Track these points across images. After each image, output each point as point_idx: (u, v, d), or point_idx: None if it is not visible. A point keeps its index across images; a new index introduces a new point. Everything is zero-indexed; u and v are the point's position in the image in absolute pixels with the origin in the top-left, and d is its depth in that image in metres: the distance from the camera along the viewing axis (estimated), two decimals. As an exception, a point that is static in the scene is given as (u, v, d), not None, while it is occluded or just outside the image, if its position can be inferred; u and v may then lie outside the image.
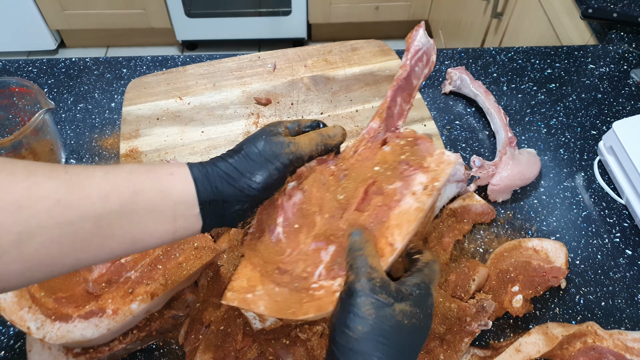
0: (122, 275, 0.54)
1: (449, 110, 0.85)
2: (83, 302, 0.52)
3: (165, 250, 0.55)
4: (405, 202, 0.43)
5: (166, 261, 0.54)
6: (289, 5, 2.07)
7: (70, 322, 0.50)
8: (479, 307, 0.55)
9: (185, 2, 2.01)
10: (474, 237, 0.69)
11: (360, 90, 0.87)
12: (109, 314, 0.50)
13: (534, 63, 0.93)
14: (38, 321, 0.49)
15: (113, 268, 0.55)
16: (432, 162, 0.44)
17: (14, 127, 0.72)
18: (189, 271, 0.54)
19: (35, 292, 0.51)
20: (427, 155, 0.44)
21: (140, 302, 0.51)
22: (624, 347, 0.56)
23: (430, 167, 0.43)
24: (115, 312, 0.51)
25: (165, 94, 0.84)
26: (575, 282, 0.65)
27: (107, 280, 0.54)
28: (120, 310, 0.51)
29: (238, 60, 0.90)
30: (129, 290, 0.52)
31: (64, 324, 0.50)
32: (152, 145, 0.77)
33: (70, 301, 0.52)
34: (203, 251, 0.55)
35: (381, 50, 0.93)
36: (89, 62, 0.90)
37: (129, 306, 0.51)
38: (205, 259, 0.55)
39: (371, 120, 0.50)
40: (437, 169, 0.43)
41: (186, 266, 0.54)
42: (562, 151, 0.80)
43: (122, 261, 0.55)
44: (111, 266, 0.55)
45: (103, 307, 0.51)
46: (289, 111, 0.83)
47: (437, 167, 0.43)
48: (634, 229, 0.71)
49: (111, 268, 0.55)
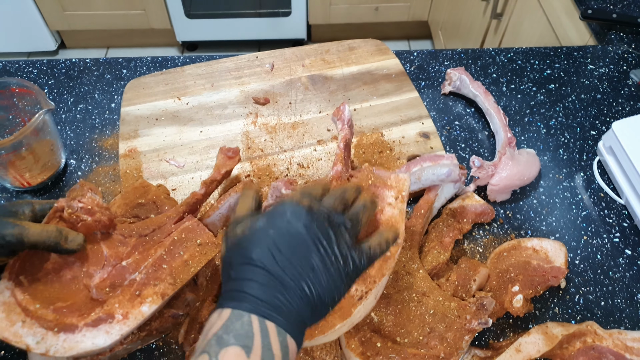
0: (125, 278, 0.53)
1: (449, 110, 0.85)
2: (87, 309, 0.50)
3: (168, 250, 0.54)
4: (387, 211, 0.53)
5: (171, 260, 0.53)
6: (288, 6, 2.07)
7: (77, 332, 0.47)
8: (479, 305, 0.55)
9: (185, 3, 2.01)
10: (473, 237, 0.69)
11: (358, 89, 0.87)
12: (119, 319, 0.49)
13: (534, 64, 0.93)
14: (37, 335, 0.47)
15: (115, 272, 0.53)
16: (393, 181, 0.56)
17: (14, 127, 0.72)
18: (196, 268, 0.53)
19: (28, 304, 0.48)
20: (386, 178, 0.56)
21: (151, 304, 0.50)
22: (624, 347, 0.56)
23: (392, 185, 0.55)
24: (126, 316, 0.49)
25: (164, 94, 0.84)
26: (575, 282, 0.65)
27: (110, 284, 0.52)
28: (130, 314, 0.49)
29: (236, 61, 0.90)
30: (136, 292, 0.51)
31: (70, 334, 0.47)
32: (151, 145, 0.77)
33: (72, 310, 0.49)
34: (207, 247, 0.55)
35: (378, 49, 0.93)
36: (89, 62, 0.90)
37: (139, 309, 0.50)
38: (210, 254, 0.54)
39: (334, 165, 0.60)
40: (399, 184, 0.55)
41: (192, 263, 0.53)
42: (561, 151, 0.80)
43: (123, 264, 0.54)
44: (112, 270, 0.53)
45: (111, 313, 0.49)
46: (287, 110, 0.83)
47: (398, 184, 0.55)
48: (634, 229, 0.71)
49: (112, 272, 0.53)
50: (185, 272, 0.53)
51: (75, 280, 0.52)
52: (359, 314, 0.49)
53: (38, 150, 0.68)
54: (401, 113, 0.83)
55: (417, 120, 0.82)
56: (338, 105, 0.68)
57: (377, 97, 0.86)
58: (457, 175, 0.67)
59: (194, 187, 0.72)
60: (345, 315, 0.47)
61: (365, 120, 0.82)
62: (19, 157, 0.66)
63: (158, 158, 0.76)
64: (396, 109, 0.84)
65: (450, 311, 0.56)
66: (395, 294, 0.58)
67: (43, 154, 0.70)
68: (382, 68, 0.90)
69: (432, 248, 0.65)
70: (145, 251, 0.55)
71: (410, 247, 0.63)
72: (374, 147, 0.77)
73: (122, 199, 0.63)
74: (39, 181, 0.71)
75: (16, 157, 0.66)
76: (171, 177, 0.74)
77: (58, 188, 0.73)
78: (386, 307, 0.57)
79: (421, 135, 0.80)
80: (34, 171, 0.70)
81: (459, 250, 0.68)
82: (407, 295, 0.58)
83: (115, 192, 0.72)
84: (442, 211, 0.70)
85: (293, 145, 0.78)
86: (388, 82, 0.88)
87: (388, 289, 0.58)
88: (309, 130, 0.80)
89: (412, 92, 0.86)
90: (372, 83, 0.88)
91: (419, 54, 0.94)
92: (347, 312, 0.47)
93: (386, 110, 0.84)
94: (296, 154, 0.77)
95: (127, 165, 0.75)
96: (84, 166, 0.76)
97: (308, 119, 0.82)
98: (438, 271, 0.63)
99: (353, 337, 0.54)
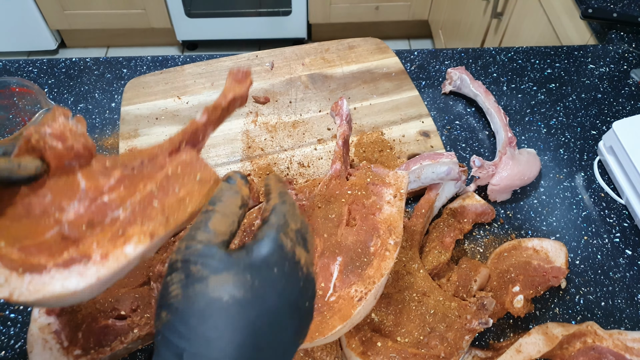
0: (106, 215, 0.44)
1: (449, 110, 0.85)
2: (58, 249, 0.42)
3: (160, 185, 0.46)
4: (386, 209, 0.53)
5: (163, 197, 0.45)
6: (289, 6, 2.07)
7: (45, 273, 0.40)
8: (479, 305, 0.55)
9: (186, 2, 2.01)
10: (473, 237, 0.69)
11: (358, 87, 0.87)
12: (96, 259, 0.41)
13: (534, 63, 0.93)
14: (1, 277, 0.39)
15: (94, 207, 0.44)
16: (391, 179, 0.56)
17: (15, 127, 0.72)
18: (194, 207, 0.45)
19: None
20: (384, 176, 0.57)
21: (136, 244, 0.42)
22: (624, 347, 0.56)
23: (391, 183, 0.56)
24: (105, 257, 0.41)
25: (164, 93, 0.84)
26: (575, 282, 0.65)
27: (87, 222, 0.44)
28: (110, 254, 0.41)
29: (236, 60, 0.90)
30: (118, 231, 0.43)
31: (36, 275, 0.40)
32: (151, 144, 0.77)
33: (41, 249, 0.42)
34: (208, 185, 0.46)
35: (378, 48, 0.93)
36: (89, 62, 0.90)
37: (122, 249, 0.41)
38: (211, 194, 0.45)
39: (332, 163, 0.60)
40: (397, 182, 0.56)
41: (189, 202, 0.45)
42: (562, 151, 0.80)
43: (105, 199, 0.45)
44: (91, 205, 0.45)
45: (87, 253, 0.41)
46: (287, 109, 0.83)
47: (396, 181, 0.56)
48: (634, 229, 0.71)
49: (91, 207, 0.45)
50: (181, 210, 0.44)
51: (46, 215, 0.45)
52: (358, 315, 0.49)
53: (38, 149, 0.68)
54: (401, 112, 0.83)
55: (417, 118, 0.82)
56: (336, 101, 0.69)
57: (377, 96, 0.86)
58: (457, 174, 0.67)
59: (194, 187, 0.72)
60: (345, 316, 0.47)
61: (365, 119, 0.82)
62: (19, 156, 0.66)
63: (158, 157, 0.76)
64: (396, 107, 0.84)
65: (450, 311, 0.56)
66: (396, 294, 0.58)
67: (43, 153, 0.70)
68: (382, 67, 0.90)
69: (433, 248, 0.65)
70: (132, 186, 0.47)
71: (410, 247, 0.63)
72: (374, 146, 0.77)
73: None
74: (39, 181, 0.71)
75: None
76: (171, 176, 0.74)
77: (58, 187, 0.73)
78: (386, 307, 0.57)
79: (421, 134, 0.80)
80: (34, 171, 0.70)
81: (459, 250, 0.68)
82: (407, 295, 0.58)
83: (115, 192, 0.72)
84: (443, 211, 0.70)
85: (293, 144, 0.78)
86: (388, 81, 0.88)
87: (388, 288, 0.58)
88: (309, 129, 0.80)
89: (412, 91, 0.86)
90: (372, 82, 0.88)
91: (419, 53, 0.94)
92: (347, 314, 0.47)
93: (386, 109, 0.84)
94: (296, 153, 0.77)
95: (127, 164, 0.75)
96: (84, 166, 0.76)
97: (308, 118, 0.82)
98: (439, 271, 0.63)
99: (354, 337, 0.54)
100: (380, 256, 0.50)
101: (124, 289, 0.59)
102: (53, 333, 0.55)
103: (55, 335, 0.55)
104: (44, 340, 0.54)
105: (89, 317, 0.56)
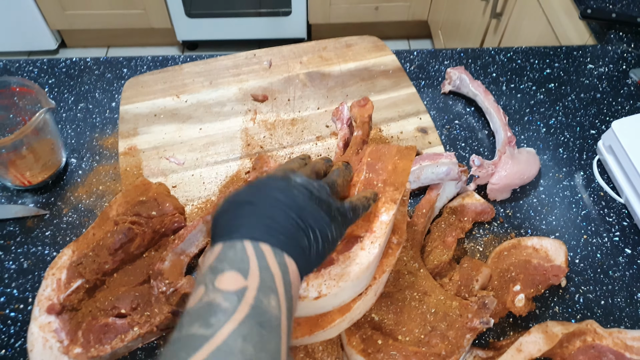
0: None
1: (449, 110, 0.86)
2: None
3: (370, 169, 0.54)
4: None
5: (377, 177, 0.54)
6: (289, 6, 2.07)
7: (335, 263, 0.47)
8: (480, 304, 0.55)
9: (186, 2, 2.01)
10: (473, 236, 0.69)
11: (356, 85, 0.87)
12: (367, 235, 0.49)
13: (533, 63, 0.93)
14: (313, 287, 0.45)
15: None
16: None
17: (15, 126, 0.72)
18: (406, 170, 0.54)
19: None
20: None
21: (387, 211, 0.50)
22: (624, 346, 0.56)
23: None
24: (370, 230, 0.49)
25: (163, 92, 0.84)
26: (575, 281, 0.65)
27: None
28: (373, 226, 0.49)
29: (234, 58, 0.90)
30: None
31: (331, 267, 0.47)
32: (150, 143, 0.77)
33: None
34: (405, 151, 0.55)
35: (375, 46, 0.93)
36: (89, 62, 0.90)
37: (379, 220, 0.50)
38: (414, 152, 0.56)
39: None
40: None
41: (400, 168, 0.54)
42: (561, 150, 0.80)
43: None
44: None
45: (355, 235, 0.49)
46: (285, 107, 0.83)
47: None
48: (633, 228, 0.71)
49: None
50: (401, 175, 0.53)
51: None
52: (358, 310, 0.49)
53: (38, 149, 0.69)
54: (399, 109, 0.83)
55: (415, 115, 0.82)
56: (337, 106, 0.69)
57: (374, 93, 0.86)
58: (457, 174, 0.67)
59: (195, 184, 0.72)
60: (345, 310, 0.47)
61: (365, 119, 0.82)
62: (20, 156, 0.66)
63: (158, 156, 0.76)
64: (394, 104, 0.84)
65: (451, 310, 0.56)
66: (397, 293, 0.58)
67: (43, 153, 0.70)
68: (379, 64, 0.90)
69: (435, 247, 0.65)
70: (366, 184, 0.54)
71: (412, 247, 0.63)
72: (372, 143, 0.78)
73: (123, 198, 0.63)
74: (40, 180, 0.71)
75: (17, 156, 0.66)
76: (171, 174, 0.74)
77: (59, 187, 0.73)
78: (387, 306, 0.57)
79: (419, 131, 0.80)
80: (34, 170, 0.70)
81: (459, 249, 0.68)
82: (408, 294, 0.58)
83: (116, 191, 0.72)
84: (443, 210, 0.70)
85: (292, 141, 0.79)
86: (385, 78, 0.88)
87: (389, 287, 0.58)
88: (307, 127, 0.81)
89: (409, 88, 0.86)
90: (370, 79, 0.88)
91: (418, 53, 0.94)
92: (347, 307, 0.48)
93: (384, 106, 0.84)
94: (295, 150, 0.77)
95: (127, 163, 0.75)
96: (85, 165, 0.76)
97: (307, 115, 0.82)
98: (440, 270, 0.63)
99: (354, 335, 0.54)
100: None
101: (124, 287, 0.59)
102: (53, 332, 0.55)
103: (56, 334, 0.55)
104: (45, 339, 0.54)
105: (89, 315, 0.56)
